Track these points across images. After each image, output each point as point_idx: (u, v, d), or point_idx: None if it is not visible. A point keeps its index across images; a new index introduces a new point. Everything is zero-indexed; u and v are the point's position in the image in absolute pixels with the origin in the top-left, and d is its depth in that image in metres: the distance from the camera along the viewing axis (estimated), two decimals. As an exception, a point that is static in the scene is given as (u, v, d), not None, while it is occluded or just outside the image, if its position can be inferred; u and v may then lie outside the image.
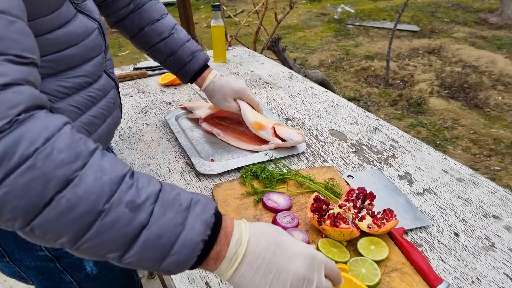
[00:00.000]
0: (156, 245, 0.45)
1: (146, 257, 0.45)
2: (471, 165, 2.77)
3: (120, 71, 1.63)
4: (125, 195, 0.44)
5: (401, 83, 4.07)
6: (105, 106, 0.79)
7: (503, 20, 5.95)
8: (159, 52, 1.06)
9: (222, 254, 0.50)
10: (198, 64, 1.08)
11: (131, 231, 0.44)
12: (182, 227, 0.46)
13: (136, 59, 5.01)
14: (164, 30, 1.04)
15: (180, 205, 0.47)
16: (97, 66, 0.76)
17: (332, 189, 0.90)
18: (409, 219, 0.83)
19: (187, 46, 1.06)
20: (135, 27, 1.03)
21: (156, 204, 0.46)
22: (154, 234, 0.45)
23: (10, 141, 0.39)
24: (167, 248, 0.45)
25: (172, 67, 1.09)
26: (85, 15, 0.73)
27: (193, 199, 0.49)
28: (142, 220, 0.44)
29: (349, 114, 1.29)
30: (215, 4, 1.54)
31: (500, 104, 3.60)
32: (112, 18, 1.03)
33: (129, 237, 0.44)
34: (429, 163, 1.03)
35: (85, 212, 0.41)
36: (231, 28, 5.34)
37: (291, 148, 1.07)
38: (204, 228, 0.48)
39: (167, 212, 0.46)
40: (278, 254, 0.51)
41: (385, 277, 0.70)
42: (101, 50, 0.78)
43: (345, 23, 6.27)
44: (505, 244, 0.78)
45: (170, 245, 0.45)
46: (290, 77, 1.59)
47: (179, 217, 0.46)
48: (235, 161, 1.01)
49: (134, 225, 0.44)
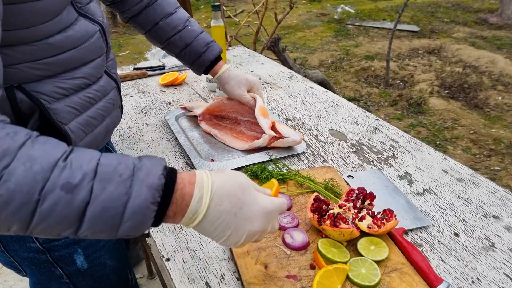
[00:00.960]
0: (104, 218, 0.46)
1: (98, 229, 0.47)
2: (471, 165, 2.77)
3: (120, 71, 1.63)
4: (59, 179, 0.45)
5: (401, 83, 4.07)
6: (104, 107, 0.79)
7: (503, 20, 5.95)
8: (175, 45, 1.07)
9: (179, 215, 0.52)
10: (213, 55, 1.09)
11: (73, 211, 0.45)
12: (128, 196, 0.47)
13: (136, 59, 5.02)
14: (178, 23, 1.05)
15: (120, 176, 0.48)
16: (97, 68, 0.76)
17: (332, 189, 0.90)
18: (409, 219, 0.83)
19: (201, 37, 1.08)
20: (149, 22, 1.05)
21: (95, 180, 0.46)
22: (98, 209, 0.46)
23: None
24: (117, 218, 0.47)
25: (187, 58, 1.10)
26: (87, 18, 0.73)
27: (135, 166, 0.49)
28: (83, 198, 0.45)
29: (349, 114, 1.29)
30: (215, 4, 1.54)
31: (500, 104, 3.60)
32: (126, 14, 1.05)
33: (73, 217, 0.45)
34: (429, 163, 1.03)
35: (21, 203, 0.43)
36: (231, 28, 5.34)
37: (291, 148, 1.07)
38: (152, 192, 0.48)
39: (108, 185, 0.47)
40: (239, 216, 0.54)
41: (385, 277, 0.70)
42: (102, 53, 0.78)
43: (345, 23, 6.28)
44: (505, 244, 0.78)
45: (119, 215, 0.47)
46: (290, 77, 1.59)
47: (122, 187, 0.47)
48: (235, 161, 1.01)
49: (76, 205, 0.45)
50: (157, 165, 0.51)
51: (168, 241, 0.80)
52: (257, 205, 0.56)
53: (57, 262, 0.83)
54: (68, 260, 0.83)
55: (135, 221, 0.48)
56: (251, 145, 1.05)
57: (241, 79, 1.11)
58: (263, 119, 1.05)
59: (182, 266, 0.74)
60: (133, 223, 0.48)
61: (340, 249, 0.74)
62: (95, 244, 0.86)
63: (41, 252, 0.80)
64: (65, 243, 0.81)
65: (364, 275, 0.68)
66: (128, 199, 0.47)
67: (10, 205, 0.43)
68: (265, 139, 1.03)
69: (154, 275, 1.88)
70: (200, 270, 0.73)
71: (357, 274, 0.69)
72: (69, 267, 0.84)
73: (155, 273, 1.87)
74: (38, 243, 0.79)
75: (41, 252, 0.80)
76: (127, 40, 5.78)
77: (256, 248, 0.76)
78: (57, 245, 0.81)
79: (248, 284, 0.68)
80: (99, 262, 0.88)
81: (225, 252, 0.77)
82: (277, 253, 0.75)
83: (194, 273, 0.73)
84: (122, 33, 6.11)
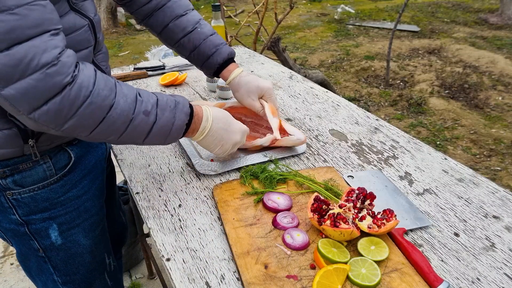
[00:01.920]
0: (162, 131, 0.79)
1: (157, 139, 0.80)
2: (471, 165, 2.77)
3: (120, 71, 1.63)
4: (140, 107, 0.74)
5: (401, 83, 4.07)
6: None
7: (503, 20, 5.94)
8: (184, 47, 1.07)
9: (196, 128, 0.86)
10: (222, 58, 1.07)
11: (148, 127, 0.76)
12: (174, 119, 0.79)
13: (136, 59, 5.02)
14: (187, 25, 1.05)
15: (169, 107, 0.79)
16: (84, 58, 0.80)
17: (332, 189, 0.90)
18: (409, 219, 0.83)
19: (210, 39, 1.06)
20: (159, 24, 1.05)
21: (158, 109, 0.77)
22: (159, 126, 0.77)
23: (76, 89, 0.65)
24: (167, 131, 0.79)
25: (196, 61, 1.10)
26: (78, 13, 0.78)
27: (176, 100, 0.81)
28: (152, 120, 0.76)
29: (349, 114, 1.29)
30: (215, 4, 1.54)
31: (500, 104, 3.60)
32: (137, 15, 1.06)
33: (147, 130, 0.76)
34: (429, 163, 1.03)
35: (122, 121, 0.72)
36: (231, 28, 5.34)
37: (291, 149, 1.07)
38: (186, 116, 0.81)
39: (164, 112, 0.78)
40: (229, 131, 0.90)
41: (385, 277, 0.70)
42: (89, 45, 0.82)
43: (345, 23, 6.27)
44: (505, 244, 0.78)
45: (169, 129, 0.79)
46: (290, 77, 1.59)
47: (171, 114, 0.79)
48: (235, 162, 1.01)
49: (149, 123, 0.76)
50: (185, 100, 0.83)
51: (168, 241, 0.80)
52: (237, 124, 0.93)
53: (34, 235, 0.88)
54: (44, 234, 0.89)
55: (175, 133, 0.81)
56: (253, 142, 1.03)
57: (252, 87, 1.05)
58: (273, 118, 1.04)
59: (182, 266, 0.74)
60: (174, 134, 0.81)
61: (340, 249, 0.74)
62: (70, 222, 0.91)
63: (20, 224, 0.86)
64: (42, 217, 0.87)
65: (364, 275, 0.68)
66: (174, 120, 0.79)
67: (116, 123, 0.71)
68: (268, 138, 1.02)
69: (154, 275, 1.88)
70: (200, 270, 0.73)
71: (357, 274, 0.69)
72: (44, 241, 0.89)
73: (155, 273, 1.87)
74: (18, 216, 0.85)
75: (20, 224, 0.86)
76: (127, 40, 5.78)
77: (256, 248, 0.76)
78: (34, 219, 0.86)
79: (248, 284, 0.68)
80: (73, 239, 0.93)
81: (225, 252, 0.77)
82: (277, 253, 0.75)
83: (194, 273, 0.73)
84: (122, 33, 6.11)
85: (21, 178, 0.81)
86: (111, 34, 5.97)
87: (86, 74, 0.67)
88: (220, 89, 1.39)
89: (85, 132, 0.70)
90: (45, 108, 0.63)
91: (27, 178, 0.82)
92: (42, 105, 0.63)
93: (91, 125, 0.69)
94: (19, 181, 0.81)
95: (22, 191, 0.82)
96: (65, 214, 0.90)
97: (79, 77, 0.65)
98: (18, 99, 0.61)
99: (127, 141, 0.77)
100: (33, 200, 0.84)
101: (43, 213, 0.86)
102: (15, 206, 0.83)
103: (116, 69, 1.65)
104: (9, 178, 0.80)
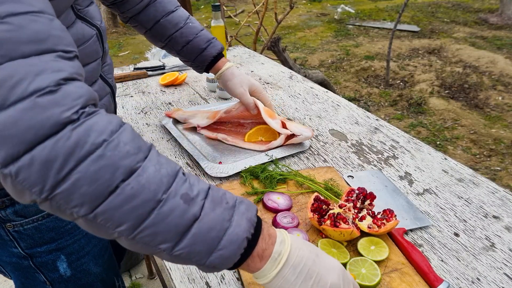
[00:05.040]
0: (206, 238, 0.48)
1: (196, 249, 0.48)
2: (471, 165, 2.77)
3: (120, 71, 1.63)
4: (181, 188, 0.47)
5: (401, 83, 4.07)
6: None
7: (503, 20, 5.95)
8: (176, 42, 1.07)
9: (268, 252, 0.52)
10: (216, 50, 1.09)
11: (184, 222, 0.47)
12: (229, 223, 0.49)
13: (136, 59, 5.02)
14: (179, 20, 1.06)
15: (227, 203, 0.51)
16: (92, 72, 0.76)
17: (332, 189, 0.90)
18: (409, 219, 0.83)
19: (202, 34, 1.08)
20: (150, 20, 1.05)
21: (207, 200, 0.49)
22: (205, 227, 0.48)
23: (82, 131, 0.42)
24: (216, 242, 0.48)
25: (188, 55, 1.10)
26: (84, 21, 0.73)
27: (237, 199, 0.53)
28: (194, 212, 0.47)
29: (349, 114, 1.29)
30: (215, 4, 1.54)
31: (500, 104, 3.60)
32: (127, 14, 1.04)
33: (182, 227, 0.47)
34: (429, 163, 1.03)
35: (146, 200, 0.44)
36: (231, 28, 5.34)
37: (291, 147, 1.07)
38: (249, 225, 0.51)
39: (216, 207, 0.49)
40: (318, 263, 0.54)
41: (385, 277, 0.70)
42: (97, 57, 0.77)
43: (345, 23, 6.27)
44: (505, 245, 0.78)
45: (218, 239, 0.48)
46: (290, 77, 1.59)
47: (226, 213, 0.50)
48: (243, 162, 1.00)
49: (188, 217, 0.47)
50: (253, 205, 0.55)
51: (168, 241, 0.80)
52: (331, 259, 0.57)
53: (40, 268, 0.81)
54: (51, 267, 0.82)
55: (228, 250, 0.49)
56: (269, 145, 1.06)
57: (244, 79, 1.10)
58: (273, 121, 1.06)
59: (182, 266, 0.74)
60: (225, 252, 0.49)
61: (340, 249, 0.74)
62: (79, 250, 0.84)
63: (24, 257, 0.79)
64: (48, 249, 0.80)
65: (364, 275, 0.68)
66: (229, 226, 0.49)
67: (135, 199, 0.44)
68: (282, 138, 1.05)
69: (154, 275, 1.88)
70: (200, 270, 0.73)
71: (357, 274, 0.69)
72: (51, 274, 0.82)
73: (155, 273, 1.87)
74: (20, 249, 0.77)
75: (23, 257, 0.79)
76: (127, 40, 5.78)
77: (256, 248, 0.75)
78: (39, 251, 0.79)
79: (248, 284, 0.68)
80: (83, 269, 0.86)
81: (225, 252, 0.77)
82: (277, 253, 0.74)
83: (194, 273, 0.73)
84: (122, 33, 6.11)
85: (23, 208, 0.73)
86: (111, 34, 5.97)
87: (103, 119, 0.44)
88: (220, 89, 1.39)
89: (85, 208, 0.43)
90: (28, 158, 0.40)
91: (30, 207, 0.73)
92: (24, 153, 0.40)
93: (96, 194, 0.42)
94: (21, 211, 0.73)
95: (25, 222, 0.74)
96: (73, 243, 0.82)
97: (92, 119, 0.43)
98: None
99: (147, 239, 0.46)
100: (38, 231, 0.76)
101: (49, 244, 0.79)
102: (17, 238, 0.76)
103: (116, 69, 1.64)
104: (9, 208, 0.72)
